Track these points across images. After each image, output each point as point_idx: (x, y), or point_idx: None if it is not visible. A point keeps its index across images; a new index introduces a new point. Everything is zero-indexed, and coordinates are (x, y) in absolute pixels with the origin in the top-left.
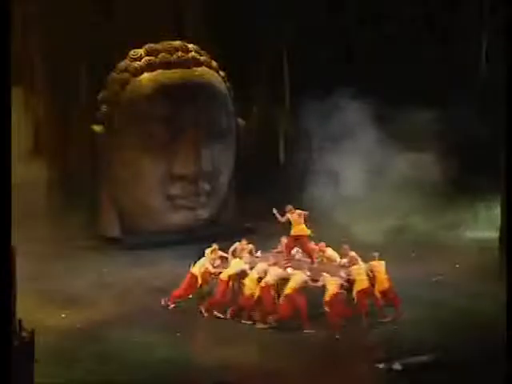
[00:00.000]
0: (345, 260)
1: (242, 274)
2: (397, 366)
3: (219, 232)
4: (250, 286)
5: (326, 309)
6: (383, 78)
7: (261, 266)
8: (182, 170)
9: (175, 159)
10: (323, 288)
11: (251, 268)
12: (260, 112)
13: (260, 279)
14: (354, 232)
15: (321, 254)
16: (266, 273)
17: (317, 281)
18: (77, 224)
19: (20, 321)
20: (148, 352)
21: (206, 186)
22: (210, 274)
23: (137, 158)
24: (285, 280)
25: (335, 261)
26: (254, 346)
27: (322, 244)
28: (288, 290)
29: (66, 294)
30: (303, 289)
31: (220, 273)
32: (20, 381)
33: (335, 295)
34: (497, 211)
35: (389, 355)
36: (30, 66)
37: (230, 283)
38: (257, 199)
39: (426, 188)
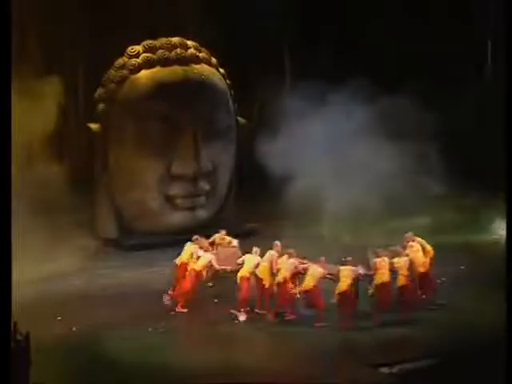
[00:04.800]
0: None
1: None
2: (396, 370)
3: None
4: (266, 277)
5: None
6: (383, 78)
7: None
8: (181, 170)
9: (174, 158)
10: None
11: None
12: (260, 111)
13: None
14: (358, 232)
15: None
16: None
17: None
18: (74, 224)
19: (15, 323)
20: (146, 354)
21: (206, 186)
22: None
23: (134, 157)
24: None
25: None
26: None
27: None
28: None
29: (62, 296)
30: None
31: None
32: (16, 383)
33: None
34: (501, 213)
35: (389, 358)
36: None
37: (252, 279)
38: (257, 199)
39: (429, 190)
